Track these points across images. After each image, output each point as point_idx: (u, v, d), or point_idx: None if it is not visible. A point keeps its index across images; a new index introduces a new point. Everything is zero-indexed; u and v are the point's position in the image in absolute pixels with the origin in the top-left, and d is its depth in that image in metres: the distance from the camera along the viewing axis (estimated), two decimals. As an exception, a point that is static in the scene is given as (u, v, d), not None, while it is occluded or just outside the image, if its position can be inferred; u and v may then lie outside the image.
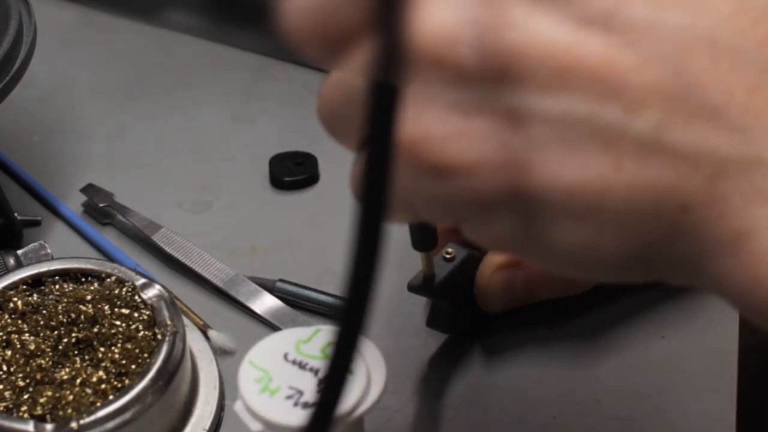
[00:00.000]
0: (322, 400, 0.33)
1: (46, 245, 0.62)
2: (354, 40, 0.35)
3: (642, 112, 0.33)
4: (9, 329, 0.53)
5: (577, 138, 0.33)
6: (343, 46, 0.35)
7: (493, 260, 0.56)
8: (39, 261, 0.59)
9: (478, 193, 0.34)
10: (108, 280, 0.55)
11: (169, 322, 0.53)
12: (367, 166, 0.31)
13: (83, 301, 0.54)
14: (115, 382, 0.51)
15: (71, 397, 0.50)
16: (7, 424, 0.49)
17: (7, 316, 0.53)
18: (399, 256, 0.59)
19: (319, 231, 0.65)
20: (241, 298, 0.61)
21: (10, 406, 0.50)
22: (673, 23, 0.33)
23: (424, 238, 0.53)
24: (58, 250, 0.62)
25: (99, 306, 0.54)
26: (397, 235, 0.61)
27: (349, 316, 0.32)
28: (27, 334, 0.52)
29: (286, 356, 0.47)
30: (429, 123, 0.34)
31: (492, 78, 0.33)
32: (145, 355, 0.52)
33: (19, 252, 0.61)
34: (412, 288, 0.55)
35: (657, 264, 0.35)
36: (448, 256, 0.55)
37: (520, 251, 0.37)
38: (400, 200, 0.35)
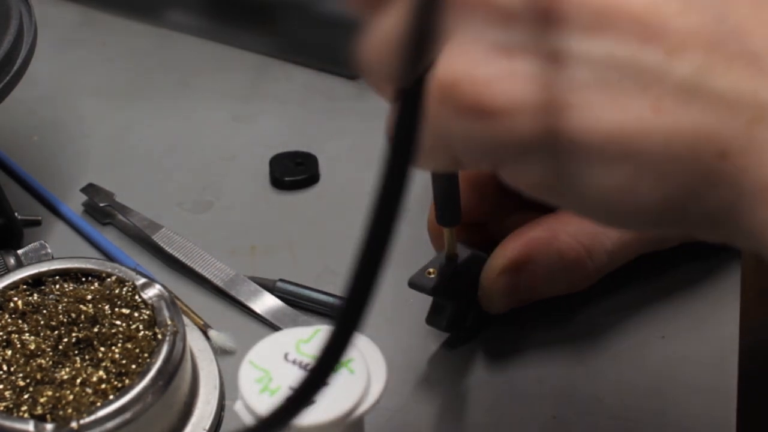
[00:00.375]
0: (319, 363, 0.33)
1: (47, 245, 0.62)
2: None
3: (683, 56, 0.33)
4: (9, 329, 0.53)
5: (618, 80, 0.34)
6: None
7: (497, 264, 0.56)
8: (39, 261, 0.59)
9: (519, 134, 0.35)
10: (108, 279, 0.55)
11: (169, 322, 0.53)
12: (399, 109, 0.32)
13: (83, 301, 0.54)
14: (116, 382, 0.51)
15: (71, 397, 0.50)
16: (7, 423, 0.49)
17: (7, 316, 0.53)
18: (401, 254, 0.59)
19: (319, 231, 0.65)
20: (242, 298, 0.61)
21: (11, 405, 0.50)
22: None
23: (449, 211, 0.53)
24: (58, 250, 0.62)
25: (99, 306, 0.54)
26: (399, 233, 0.61)
27: (371, 248, 0.32)
28: (27, 334, 0.52)
29: (286, 356, 0.47)
30: (472, 63, 0.34)
31: (536, 19, 0.34)
32: (146, 354, 0.52)
33: (20, 252, 0.61)
34: (413, 285, 0.54)
35: (692, 214, 0.35)
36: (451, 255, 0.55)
37: (557, 197, 0.37)
38: (439, 141, 0.35)
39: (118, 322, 0.53)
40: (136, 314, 0.53)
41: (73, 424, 0.49)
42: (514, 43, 0.34)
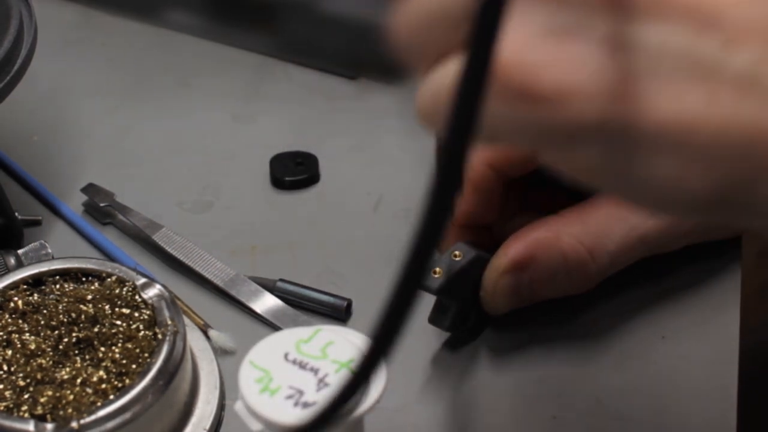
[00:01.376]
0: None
1: (47, 245, 0.62)
2: None
3: (741, 47, 0.33)
4: (9, 329, 0.53)
5: (674, 69, 0.33)
6: None
7: (500, 264, 0.56)
8: (39, 261, 0.59)
9: (568, 120, 0.34)
10: (108, 279, 0.55)
11: (169, 322, 0.53)
12: (465, 72, 0.31)
13: (84, 301, 0.54)
14: (116, 382, 0.51)
15: (72, 397, 0.50)
16: (7, 423, 0.49)
17: (7, 316, 0.53)
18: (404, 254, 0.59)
19: (319, 231, 0.65)
20: (242, 298, 0.61)
21: (11, 405, 0.50)
22: None
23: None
24: (58, 250, 0.62)
25: (99, 306, 0.54)
26: (401, 233, 0.61)
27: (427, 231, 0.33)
28: (27, 334, 0.52)
29: (286, 356, 0.47)
30: (521, 46, 0.33)
31: (590, 4, 0.33)
32: (146, 354, 0.52)
33: (20, 252, 0.61)
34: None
35: (740, 204, 0.35)
36: (455, 257, 0.55)
37: (602, 182, 0.36)
38: (483, 123, 0.34)
39: (118, 322, 0.53)
40: (136, 314, 0.53)
41: (74, 424, 0.49)
42: (565, 27, 0.33)
